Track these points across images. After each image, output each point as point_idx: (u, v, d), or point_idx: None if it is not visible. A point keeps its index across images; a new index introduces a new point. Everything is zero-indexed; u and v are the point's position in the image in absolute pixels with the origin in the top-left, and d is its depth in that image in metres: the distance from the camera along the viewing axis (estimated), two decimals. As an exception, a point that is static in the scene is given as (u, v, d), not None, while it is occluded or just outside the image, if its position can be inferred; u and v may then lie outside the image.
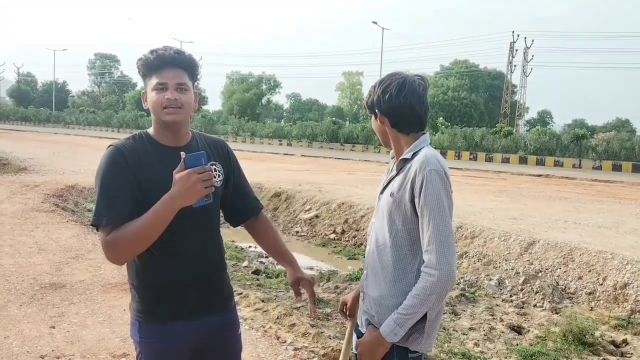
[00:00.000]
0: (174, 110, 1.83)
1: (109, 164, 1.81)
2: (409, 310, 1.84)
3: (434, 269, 1.81)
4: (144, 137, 1.92)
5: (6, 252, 6.04)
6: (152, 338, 1.91)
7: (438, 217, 1.83)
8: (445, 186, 1.88)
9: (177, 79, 1.84)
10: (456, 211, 7.39)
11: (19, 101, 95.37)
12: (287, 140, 46.60)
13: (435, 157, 1.92)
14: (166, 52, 1.85)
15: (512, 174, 22.73)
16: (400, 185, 1.94)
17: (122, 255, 1.80)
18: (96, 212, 1.78)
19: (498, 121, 51.93)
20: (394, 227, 1.95)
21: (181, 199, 1.70)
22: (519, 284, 6.71)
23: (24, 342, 3.73)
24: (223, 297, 2.06)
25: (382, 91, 1.98)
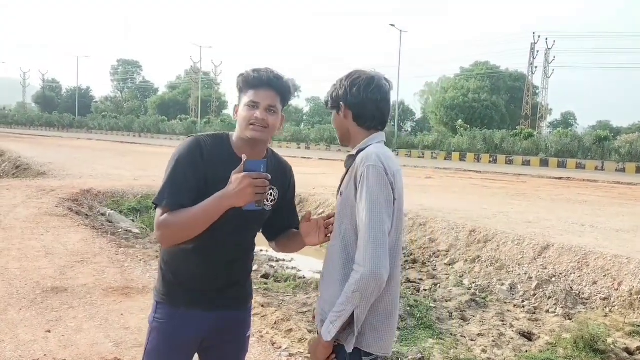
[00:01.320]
0: (259, 129, 1.94)
1: (186, 152, 1.93)
2: (339, 308, 1.82)
3: (359, 265, 1.78)
4: (224, 140, 2.03)
5: (14, 256, 6.08)
6: (164, 320, 2.01)
7: (372, 214, 1.79)
8: (383, 183, 1.84)
9: (269, 100, 1.95)
10: (471, 215, 7.26)
11: (44, 107, 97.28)
12: (305, 144, 46.64)
13: (377, 154, 1.89)
14: (266, 74, 1.96)
15: (532, 177, 22.39)
16: (347, 183, 1.94)
17: (169, 238, 1.90)
18: (160, 193, 1.90)
19: (519, 123, 51.28)
20: (342, 226, 1.94)
21: (231, 199, 1.81)
22: (531, 289, 6.55)
23: (18, 347, 3.72)
24: (241, 296, 2.14)
25: (350, 84, 1.98)
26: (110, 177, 14.51)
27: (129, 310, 4.54)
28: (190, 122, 62.05)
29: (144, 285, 5.25)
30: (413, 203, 10.85)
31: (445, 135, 42.62)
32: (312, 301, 6.01)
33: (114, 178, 14.32)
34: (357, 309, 1.80)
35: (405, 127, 73.52)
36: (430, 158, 37.69)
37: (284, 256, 8.98)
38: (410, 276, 7.45)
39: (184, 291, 2.01)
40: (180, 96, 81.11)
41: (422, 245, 8.71)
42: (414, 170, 23.79)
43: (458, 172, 24.14)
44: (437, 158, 37.69)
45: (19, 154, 20.90)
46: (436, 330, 5.27)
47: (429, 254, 8.41)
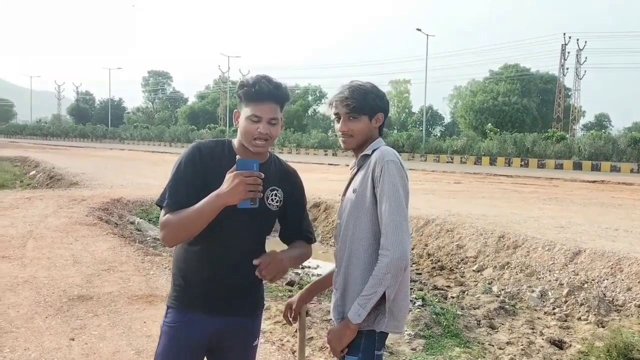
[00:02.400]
0: (262, 142, 2.02)
1: (187, 156, 2.03)
2: (369, 291, 1.97)
3: (388, 249, 1.96)
4: (226, 145, 2.11)
5: (43, 265, 6.19)
6: (172, 324, 2.04)
7: (394, 203, 1.98)
8: (401, 176, 2.03)
9: (271, 113, 2.01)
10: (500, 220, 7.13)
11: (78, 118, 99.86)
12: (332, 150, 46.65)
13: (393, 151, 2.09)
14: (267, 87, 2.00)
15: (564, 181, 21.91)
16: (362, 180, 2.08)
17: (170, 237, 1.97)
18: (162, 194, 2.01)
19: (551, 126, 50.33)
20: (358, 221, 2.08)
21: (224, 197, 1.87)
22: (562, 296, 6.37)
23: (42, 354, 3.77)
24: (250, 303, 2.13)
25: (378, 94, 2.18)
26: (140, 187, 14.73)
27: (152, 318, 4.56)
28: (219, 131, 62.82)
29: (168, 293, 5.27)
30: (440, 209, 10.71)
31: (475, 139, 42.13)
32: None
33: (144, 187, 14.53)
34: (388, 289, 1.97)
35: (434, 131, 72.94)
36: (459, 163, 37.26)
37: (308, 263, 8.95)
38: (438, 283, 7.33)
39: (191, 295, 2.04)
40: (209, 105, 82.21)
41: (449, 251, 8.57)
42: (442, 176, 23.52)
43: (488, 176, 23.79)
44: (466, 163, 37.23)
45: (53, 164, 21.43)
46: (463, 338, 5.16)
47: (456, 261, 8.27)
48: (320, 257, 9.58)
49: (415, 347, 4.80)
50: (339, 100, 2.16)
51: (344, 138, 2.17)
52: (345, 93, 2.15)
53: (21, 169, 23.25)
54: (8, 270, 5.98)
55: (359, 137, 2.15)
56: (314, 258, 9.45)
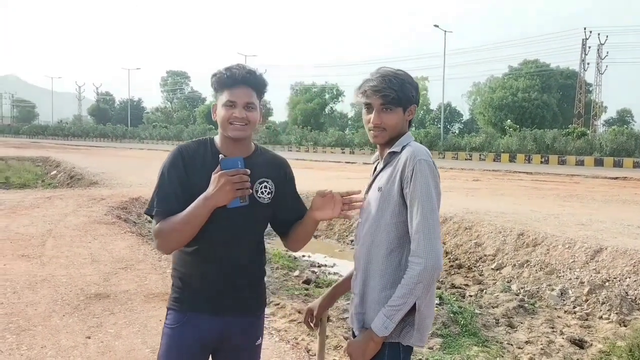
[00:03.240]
0: (240, 127, 1.98)
1: (170, 162, 2.00)
2: (397, 302, 1.83)
3: (420, 257, 1.81)
4: (208, 143, 2.08)
5: (61, 264, 6.26)
6: (173, 325, 2.02)
7: (426, 206, 1.84)
8: (434, 176, 1.89)
9: (246, 98, 1.98)
10: (519, 218, 7.02)
11: (98, 119, 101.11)
12: (349, 149, 46.56)
13: (425, 149, 1.95)
14: (239, 71, 1.98)
15: (585, 177, 21.57)
16: (389, 178, 1.94)
17: (165, 244, 1.95)
18: (150, 203, 1.99)
19: (572, 122, 49.61)
20: (382, 221, 1.94)
21: (212, 199, 1.85)
22: (583, 294, 6.26)
23: (59, 352, 3.80)
24: (249, 302, 2.09)
25: (413, 84, 2.01)
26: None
27: (168, 317, 4.58)
28: (237, 130, 63.01)
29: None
30: (459, 206, 10.60)
31: (494, 136, 41.70)
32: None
33: (162, 186, 14.60)
34: (419, 300, 1.83)
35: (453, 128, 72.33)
36: (478, 160, 36.93)
37: (325, 261, 8.93)
38: (456, 281, 7.25)
39: (190, 296, 2.02)
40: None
41: (467, 249, 8.48)
42: (460, 173, 23.31)
43: (507, 173, 23.52)
44: (485, 160, 36.88)
45: (73, 164, 21.71)
46: (481, 337, 5.09)
47: (475, 259, 8.17)
48: (337, 255, 9.55)
49: (433, 345, 4.75)
50: (372, 90, 1.96)
51: (375, 132, 1.99)
52: (380, 82, 1.95)
53: (43, 169, 23.59)
54: (27, 268, 6.05)
55: (392, 131, 1.99)
56: (331, 256, 9.43)
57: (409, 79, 2.00)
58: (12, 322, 4.40)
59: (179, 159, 1.99)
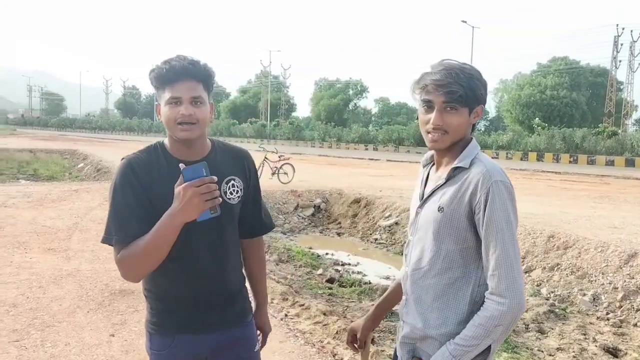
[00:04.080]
0: (189, 127, 1.74)
1: (120, 180, 1.75)
2: (469, 342, 1.60)
3: (503, 297, 1.57)
4: (159, 149, 1.85)
5: (87, 258, 6.28)
6: (161, 350, 1.86)
7: (507, 237, 1.59)
8: (513, 200, 1.64)
9: (191, 92, 1.74)
10: (549, 219, 6.81)
11: (124, 112, 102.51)
12: (372, 145, 46.30)
13: (500, 168, 1.68)
14: (179, 63, 1.74)
15: (616, 178, 21.03)
16: (453, 198, 1.67)
17: (133, 273, 1.74)
18: (106, 230, 1.74)
19: (602, 121, 48.52)
20: (443, 246, 1.69)
21: (180, 216, 1.60)
22: (617, 300, 6.05)
23: (82, 350, 3.78)
24: (236, 312, 1.96)
25: (483, 81, 1.73)
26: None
27: (192, 315, 4.54)
28: (260, 125, 63.29)
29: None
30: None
31: (521, 134, 40.99)
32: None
33: (187, 180, 14.68)
34: (495, 343, 1.62)
35: (478, 126, 71.48)
36: (504, 158, 36.33)
37: (349, 260, 8.83)
38: (483, 284, 7.09)
39: (172, 317, 1.85)
40: (250, 100, 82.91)
41: (495, 250, 8.29)
42: (487, 171, 22.90)
43: (535, 173, 23.09)
44: (512, 158, 36.29)
45: (100, 157, 21.97)
46: (511, 343, 4.95)
47: (502, 260, 7.98)
48: (361, 254, 9.45)
49: (460, 351, 4.62)
50: (435, 84, 1.67)
51: (434, 135, 1.71)
52: (444, 76, 1.66)
53: (70, 162, 23.98)
54: (53, 262, 6.09)
55: (454, 135, 1.71)
56: (355, 254, 9.33)
57: (477, 74, 1.71)
58: (37, 317, 4.41)
59: (130, 174, 1.74)
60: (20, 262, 6.06)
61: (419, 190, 1.87)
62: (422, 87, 1.72)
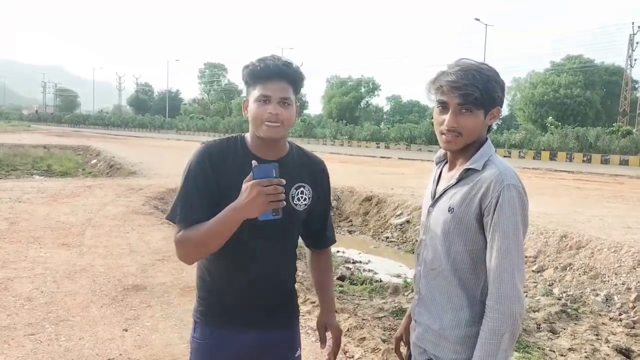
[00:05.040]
0: (274, 126, 1.77)
1: (195, 163, 1.81)
2: (483, 355, 1.58)
3: (502, 303, 1.56)
4: (238, 142, 1.89)
5: (100, 254, 6.34)
6: (203, 340, 1.89)
7: (512, 243, 1.58)
8: (523, 206, 1.62)
9: (281, 92, 1.78)
10: (562, 219, 6.76)
11: (137, 109, 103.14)
12: (384, 143, 46.20)
13: (513, 171, 1.66)
14: (274, 63, 1.78)
15: (630, 178, 20.82)
16: (464, 199, 1.66)
17: (188, 255, 1.79)
18: (172, 208, 1.82)
19: (617, 120, 48.01)
20: (453, 248, 1.69)
21: (242, 211, 1.64)
22: (630, 301, 6.00)
23: (96, 344, 3.82)
24: (283, 315, 1.97)
25: (500, 82, 1.70)
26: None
27: (204, 311, 4.56)
28: (272, 122, 63.30)
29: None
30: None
31: (534, 133, 40.70)
32: (388, 306, 5.82)
33: (198, 177, 14.74)
34: (506, 352, 1.59)
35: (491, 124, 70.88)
36: (517, 157, 36.09)
37: (360, 257, 8.84)
38: (494, 283, 7.06)
39: (219, 309, 1.88)
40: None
41: (507, 250, 8.25)
42: (499, 170, 22.76)
43: (548, 172, 22.92)
44: (524, 157, 36.03)
45: (113, 154, 22.14)
46: (522, 343, 4.93)
47: (514, 260, 7.95)
48: (372, 252, 9.45)
49: (471, 350, 4.62)
50: (450, 86, 1.65)
51: (448, 136, 1.69)
52: (460, 77, 1.63)
53: (83, 158, 24.15)
54: (67, 257, 6.16)
55: (468, 137, 1.68)
56: (366, 252, 9.33)
57: (495, 75, 1.67)
58: (51, 311, 4.46)
59: (206, 159, 1.80)
60: (35, 256, 6.14)
61: (432, 188, 1.87)
62: (438, 88, 1.70)
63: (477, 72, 1.64)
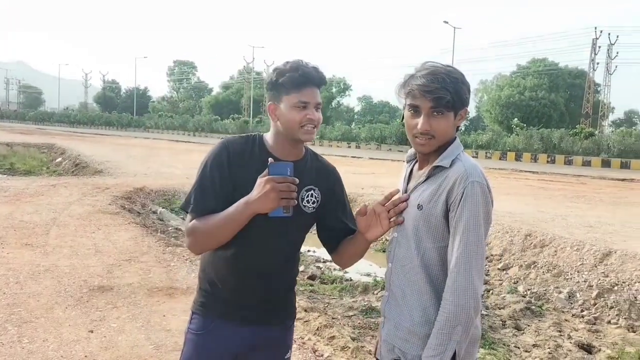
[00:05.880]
0: (313, 130, 1.86)
1: (213, 156, 1.86)
2: (435, 350, 1.61)
3: (457, 296, 1.59)
4: (257, 141, 1.93)
5: (65, 254, 6.20)
6: (198, 332, 1.92)
7: (472, 237, 1.61)
8: (487, 202, 1.66)
9: (316, 98, 1.86)
10: (526, 218, 6.91)
11: (104, 107, 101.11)
12: (355, 143, 46.42)
13: (479, 168, 1.70)
14: (309, 70, 1.84)
15: (592, 178, 21.42)
16: (432, 196, 1.70)
17: (196, 245, 1.85)
18: (187, 198, 1.87)
19: (579, 122, 49.31)
20: (422, 244, 1.72)
21: (254, 205, 1.72)
22: (591, 298, 6.18)
23: (60, 346, 3.74)
24: (280, 314, 1.99)
25: (467, 84, 1.75)
26: (163, 176, 14.80)
27: (172, 312, 4.52)
28: (243, 122, 62.99)
29: (188, 286, 5.24)
30: (465, 205, 10.49)
31: (500, 134, 41.47)
32: (357, 305, 5.86)
33: (167, 176, 14.60)
34: (459, 344, 1.60)
35: (459, 125, 71.90)
36: (484, 158, 36.73)
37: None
38: (461, 281, 7.17)
39: (218, 302, 1.91)
40: (233, 96, 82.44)
41: (474, 248, 8.39)
42: (466, 171, 23.11)
43: (513, 172, 23.39)
44: (491, 158, 36.69)
45: (78, 152, 21.67)
46: (488, 339, 5.03)
47: (481, 258, 8.09)
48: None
49: (438, 347, 4.68)
50: (421, 90, 1.67)
51: (421, 139, 1.72)
52: (431, 80, 1.66)
53: (48, 156, 23.57)
54: (31, 258, 6.01)
55: (441, 139, 1.72)
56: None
57: (462, 77, 1.72)
58: (14, 313, 4.35)
59: (224, 154, 1.85)
60: (-3, 257, 5.97)
61: (402, 186, 1.89)
62: (409, 92, 1.72)
63: (446, 75, 1.68)
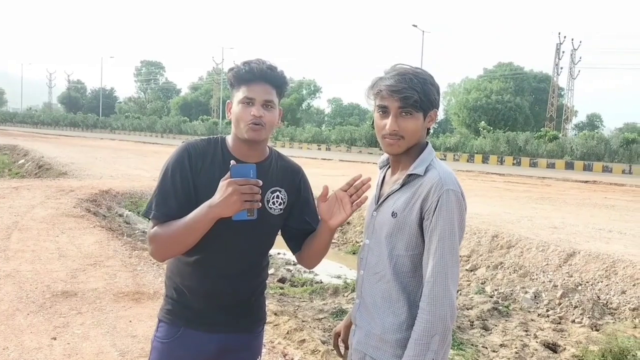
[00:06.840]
0: (257, 127, 1.79)
1: (174, 161, 1.82)
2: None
3: (434, 305, 1.58)
4: (219, 143, 1.89)
5: (26, 259, 6.00)
6: (164, 340, 1.87)
7: (447, 246, 1.61)
8: (461, 210, 1.66)
9: (265, 95, 1.79)
10: (493, 219, 6.99)
11: (69, 107, 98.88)
12: (325, 145, 46.51)
13: (454, 175, 1.70)
14: (258, 66, 1.80)
15: (556, 180, 21.92)
16: (406, 204, 1.68)
17: (160, 251, 1.79)
18: (148, 205, 1.81)
19: (544, 125, 50.45)
20: (394, 252, 1.70)
21: (217, 208, 1.66)
22: (556, 298, 6.30)
23: (22, 354, 3.61)
24: (249, 319, 1.94)
25: (436, 85, 1.74)
26: (129, 178, 14.54)
27: (138, 317, 4.41)
28: (212, 123, 62.45)
29: (155, 291, 5.13)
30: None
31: (468, 137, 42.13)
32: (328, 307, 5.85)
33: (134, 179, 14.35)
34: (437, 354, 1.59)
35: (427, 128, 72.73)
36: (452, 160, 37.24)
37: (300, 260, 8.83)
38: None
39: (185, 310, 1.87)
40: (202, 97, 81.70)
41: (442, 250, 8.48)
42: (435, 173, 23.39)
43: (480, 174, 23.77)
44: (459, 160, 37.23)
45: (42, 153, 21.13)
46: (456, 340, 5.08)
47: (449, 260, 8.18)
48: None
49: (408, 349, 4.70)
50: (389, 90, 1.68)
51: (390, 139, 1.71)
52: (398, 81, 1.67)
53: (10, 158, 22.92)
54: (-10, 263, 5.80)
55: (410, 140, 1.72)
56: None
57: (430, 79, 1.72)
58: (-28, 320, 4.18)
59: (185, 157, 1.81)
60: (-46, 262, 5.75)
61: (375, 192, 1.88)
62: (377, 93, 1.73)
63: (414, 76, 1.69)
